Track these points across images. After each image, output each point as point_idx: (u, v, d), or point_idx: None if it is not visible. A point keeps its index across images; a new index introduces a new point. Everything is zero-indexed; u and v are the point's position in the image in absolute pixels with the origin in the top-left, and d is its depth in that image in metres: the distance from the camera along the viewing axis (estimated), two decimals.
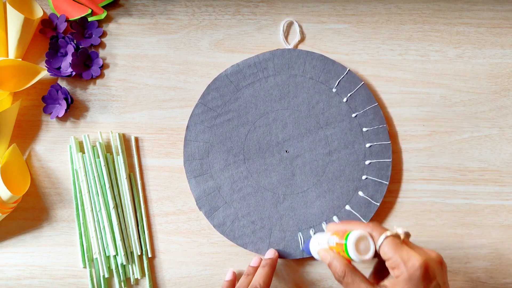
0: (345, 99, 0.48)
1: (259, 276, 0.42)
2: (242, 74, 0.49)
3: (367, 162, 0.47)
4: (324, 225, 0.47)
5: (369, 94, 0.48)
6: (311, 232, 0.47)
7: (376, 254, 0.35)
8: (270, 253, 0.46)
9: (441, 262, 0.35)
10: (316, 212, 0.47)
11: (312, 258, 0.47)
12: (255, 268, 0.44)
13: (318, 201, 0.47)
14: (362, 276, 0.36)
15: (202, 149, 0.48)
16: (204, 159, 0.48)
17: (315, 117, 0.48)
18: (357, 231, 0.35)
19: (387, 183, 0.47)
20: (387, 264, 0.35)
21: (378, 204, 0.47)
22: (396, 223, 0.48)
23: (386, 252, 0.34)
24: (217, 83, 0.49)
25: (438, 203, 0.48)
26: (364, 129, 0.48)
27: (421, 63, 0.50)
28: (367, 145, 0.48)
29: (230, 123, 0.48)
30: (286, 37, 0.50)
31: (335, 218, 0.47)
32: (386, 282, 0.35)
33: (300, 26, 0.50)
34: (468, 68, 0.50)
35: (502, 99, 0.49)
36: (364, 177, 0.47)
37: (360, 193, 0.47)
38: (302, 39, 0.50)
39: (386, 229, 0.35)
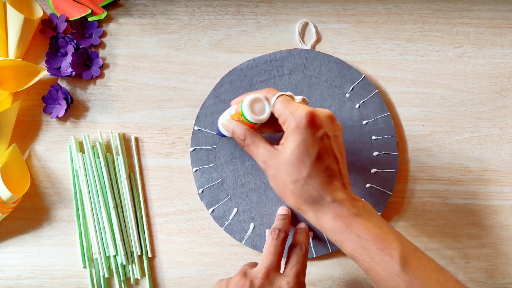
0: (357, 106, 0.48)
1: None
2: (257, 70, 0.48)
3: (373, 171, 0.47)
4: None
5: (382, 103, 0.48)
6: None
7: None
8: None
9: (331, 117, 0.37)
10: None
11: (312, 258, 0.47)
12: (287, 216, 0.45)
13: None
14: (262, 137, 0.38)
15: (210, 140, 0.48)
16: (211, 150, 0.48)
17: None
18: (251, 94, 0.37)
19: (391, 193, 0.47)
20: (280, 121, 0.36)
21: (380, 213, 0.47)
22: (396, 223, 0.48)
23: (278, 109, 0.36)
24: (231, 76, 0.48)
25: (438, 203, 0.48)
26: (373, 138, 0.48)
27: (421, 63, 0.50)
28: (375, 153, 0.47)
29: None
30: (302, 38, 0.50)
31: None
32: (281, 140, 0.37)
33: (315, 27, 0.50)
34: (468, 68, 0.50)
35: (502, 99, 0.49)
36: (368, 185, 0.47)
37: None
38: (318, 40, 0.50)
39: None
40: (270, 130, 0.40)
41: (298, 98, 0.38)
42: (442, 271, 0.34)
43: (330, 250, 0.47)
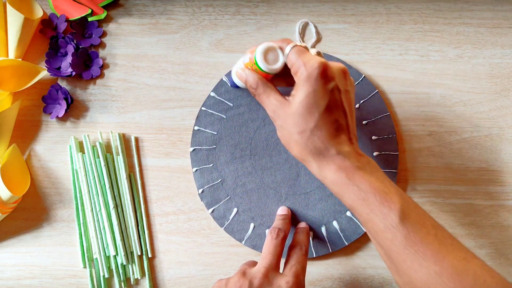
0: (357, 105, 0.48)
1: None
2: None
3: None
4: (323, 229, 0.47)
5: (382, 103, 0.48)
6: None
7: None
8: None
9: (344, 71, 0.37)
10: (316, 215, 0.47)
11: (312, 258, 0.47)
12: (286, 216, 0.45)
13: (320, 204, 0.47)
14: (273, 88, 0.38)
15: (210, 140, 0.48)
16: (211, 150, 0.48)
17: None
18: (265, 43, 0.36)
19: None
20: (292, 72, 0.36)
21: None
22: None
23: (291, 59, 0.36)
24: (231, 76, 0.48)
25: (438, 203, 0.48)
26: (373, 138, 0.48)
27: (421, 63, 0.50)
28: (374, 153, 0.47)
29: (241, 117, 0.48)
30: (302, 38, 0.50)
31: (334, 223, 0.47)
32: (292, 91, 0.37)
33: (315, 27, 0.50)
34: (468, 68, 0.50)
35: (502, 99, 0.49)
36: None
37: None
38: (318, 40, 0.50)
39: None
40: (283, 82, 0.40)
41: (313, 50, 0.38)
42: (440, 228, 0.34)
43: (330, 250, 0.47)
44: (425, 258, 0.32)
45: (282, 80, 0.40)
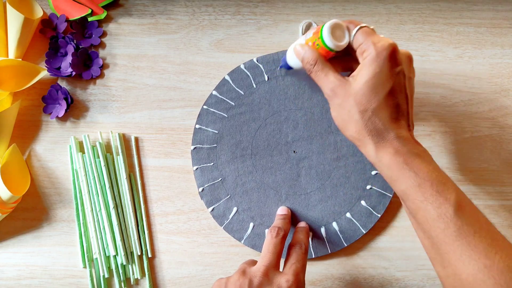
0: None
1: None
2: (259, 70, 0.48)
3: (373, 173, 0.47)
4: (323, 229, 0.47)
5: None
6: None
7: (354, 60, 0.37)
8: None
9: (410, 58, 0.37)
10: (316, 216, 0.47)
11: (313, 258, 0.47)
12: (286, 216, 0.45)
13: (320, 205, 0.47)
14: (332, 67, 0.38)
15: (211, 139, 0.48)
16: (212, 149, 0.48)
17: (327, 121, 0.48)
18: (334, 19, 0.37)
19: (391, 195, 0.47)
20: (358, 52, 0.36)
21: (380, 215, 0.47)
22: (396, 223, 0.48)
23: (359, 39, 0.36)
24: (233, 75, 0.48)
25: None
26: None
27: (421, 63, 0.50)
28: None
29: (242, 117, 0.48)
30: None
31: (334, 224, 0.47)
32: (354, 72, 0.36)
33: None
34: (468, 68, 0.50)
35: (502, 99, 0.49)
36: (368, 187, 0.47)
37: (363, 202, 0.47)
38: None
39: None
40: (339, 66, 0.40)
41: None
42: (492, 226, 0.34)
43: (329, 251, 0.47)
44: (476, 251, 0.32)
45: (339, 62, 0.39)
